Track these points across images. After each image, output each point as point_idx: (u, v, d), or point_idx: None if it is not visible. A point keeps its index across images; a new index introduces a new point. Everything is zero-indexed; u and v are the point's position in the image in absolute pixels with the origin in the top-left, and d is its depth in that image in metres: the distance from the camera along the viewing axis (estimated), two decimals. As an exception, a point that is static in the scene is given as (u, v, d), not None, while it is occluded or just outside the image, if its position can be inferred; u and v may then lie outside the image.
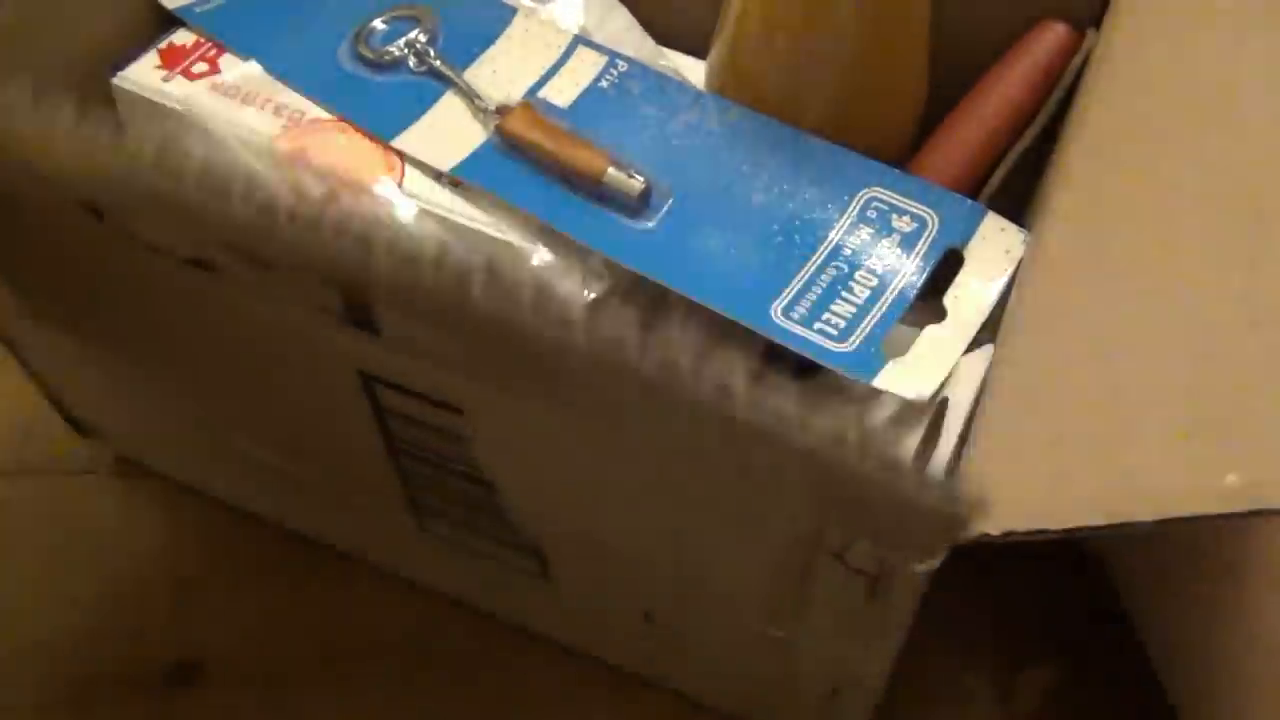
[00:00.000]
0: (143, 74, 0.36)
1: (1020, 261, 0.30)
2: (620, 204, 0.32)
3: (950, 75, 0.35)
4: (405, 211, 0.33)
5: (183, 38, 0.37)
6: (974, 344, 0.29)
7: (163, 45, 0.37)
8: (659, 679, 0.34)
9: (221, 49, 0.37)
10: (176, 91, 0.35)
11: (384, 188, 0.33)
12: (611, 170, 0.32)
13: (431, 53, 0.36)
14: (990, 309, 0.29)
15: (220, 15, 0.37)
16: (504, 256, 0.33)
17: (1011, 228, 0.30)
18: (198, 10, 0.37)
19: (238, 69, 0.36)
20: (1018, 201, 0.34)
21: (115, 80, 0.36)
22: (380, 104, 0.35)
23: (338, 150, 0.34)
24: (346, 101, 0.35)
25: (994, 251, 0.30)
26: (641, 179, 0.32)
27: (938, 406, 0.27)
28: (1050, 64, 0.34)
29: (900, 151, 0.35)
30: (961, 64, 0.35)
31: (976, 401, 0.26)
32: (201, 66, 0.36)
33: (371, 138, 0.35)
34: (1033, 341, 0.24)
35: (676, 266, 0.31)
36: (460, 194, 0.33)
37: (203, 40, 0.37)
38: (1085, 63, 0.33)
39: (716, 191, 0.32)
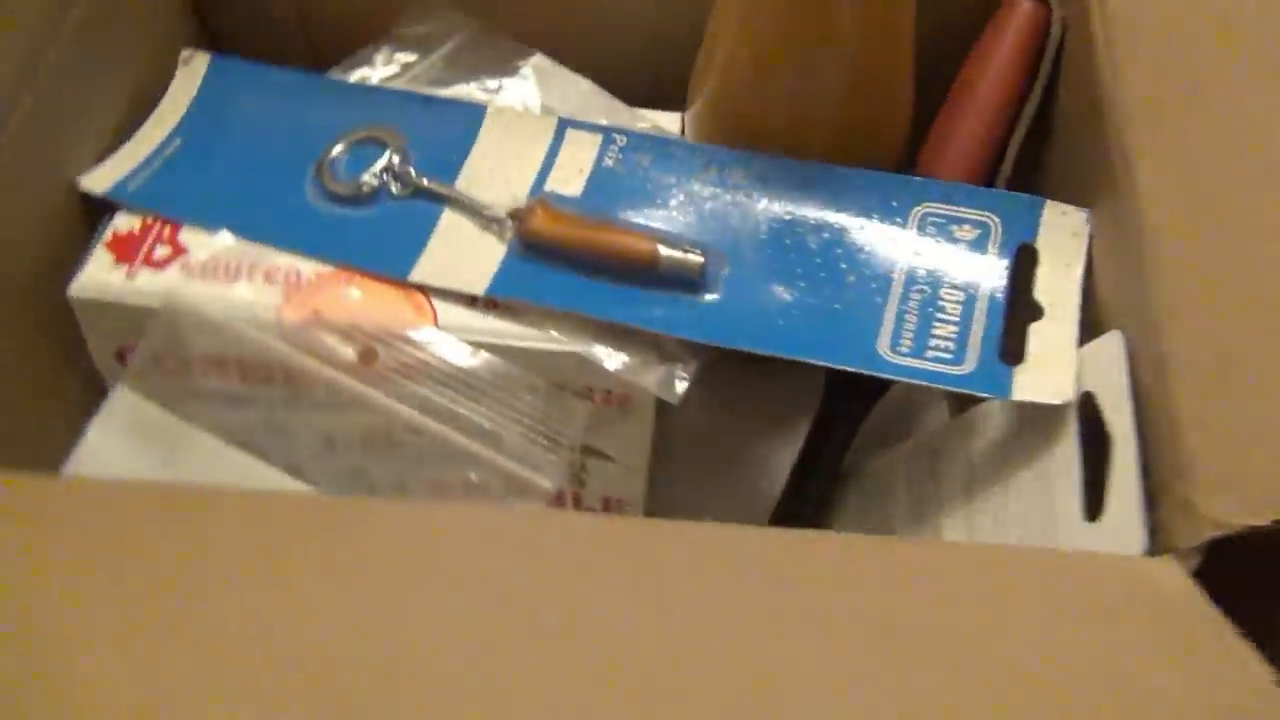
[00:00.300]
0: (100, 276, 0.32)
1: (1091, 240, 0.30)
2: (678, 282, 0.31)
3: (918, 65, 0.35)
4: (457, 353, 0.31)
5: (126, 222, 0.33)
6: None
7: (108, 237, 0.33)
8: None
9: (176, 224, 0.33)
10: (149, 287, 0.31)
11: (423, 333, 0.31)
12: (665, 250, 0.31)
13: (412, 173, 0.33)
14: (1080, 294, 0.30)
15: (156, 188, 0.34)
16: (578, 368, 0.31)
17: (1072, 210, 0.31)
18: (130, 188, 0.34)
19: (207, 243, 0.32)
20: (1023, 181, 0.35)
21: (73, 291, 0.31)
22: (376, 241, 0.33)
23: (354, 304, 0.31)
24: (339, 247, 0.32)
25: (1064, 237, 0.30)
26: (699, 253, 0.31)
27: (1082, 404, 0.27)
28: (1027, 42, 0.34)
29: (898, 158, 0.35)
30: (927, 53, 0.35)
31: (1134, 390, 0.26)
32: (164, 250, 0.32)
33: (384, 280, 0.32)
34: (1201, 322, 0.25)
35: (761, 331, 0.30)
36: (498, 314, 0.31)
37: (150, 220, 0.33)
38: (1064, 34, 0.34)
39: (769, 245, 0.31)
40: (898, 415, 0.40)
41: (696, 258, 0.30)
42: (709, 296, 0.31)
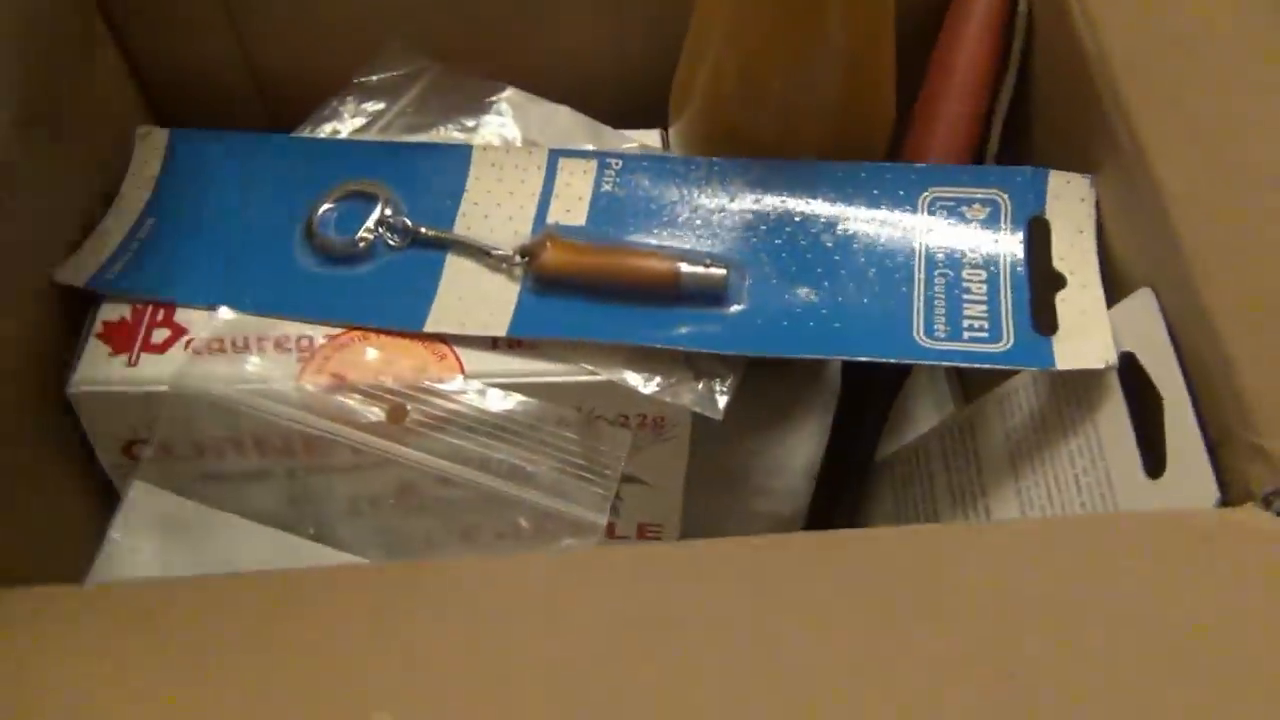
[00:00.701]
0: (99, 370, 0.30)
1: (1098, 203, 0.31)
2: (701, 298, 0.31)
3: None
4: (489, 398, 0.30)
5: (115, 311, 0.31)
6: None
7: (98, 329, 0.31)
8: None
9: (169, 306, 0.31)
10: (154, 373, 0.30)
11: (451, 383, 0.30)
12: (687, 268, 0.30)
13: (409, 222, 0.32)
14: (1097, 257, 0.30)
15: (139, 272, 0.32)
16: (612, 396, 0.30)
17: (1075, 177, 0.31)
18: (110, 276, 0.32)
19: (207, 321, 0.31)
20: (1010, 157, 0.35)
21: (72, 388, 0.30)
22: (383, 296, 0.32)
23: (376, 363, 0.30)
24: (346, 307, 0.31)
25: (1071, 204, 0.31)
26: (720, 266, 0.30)
27: (1123, 364, 0.28)
28: (996, 16, 0.35)
29: (885, 148, 0.35)
30: (898, 34, 0.35)
31: (1176, 347, 0.26)
32: (162, 334, 0.31)
33: (400, 334, 0.31)
34: (1235, 268, 0.25)
35: (793, 335, 0.30)
36: (523, 353, 0.31)
37: (140, 305, 0.31)
38: (1031, 4, 0.35)
39: (785, 248, 0.31)
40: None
41: (719, 271, 0.30)
42: (735, 308, 0.31)
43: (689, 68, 0.34)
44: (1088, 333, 0.29)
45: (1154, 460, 0.26)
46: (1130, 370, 0.28)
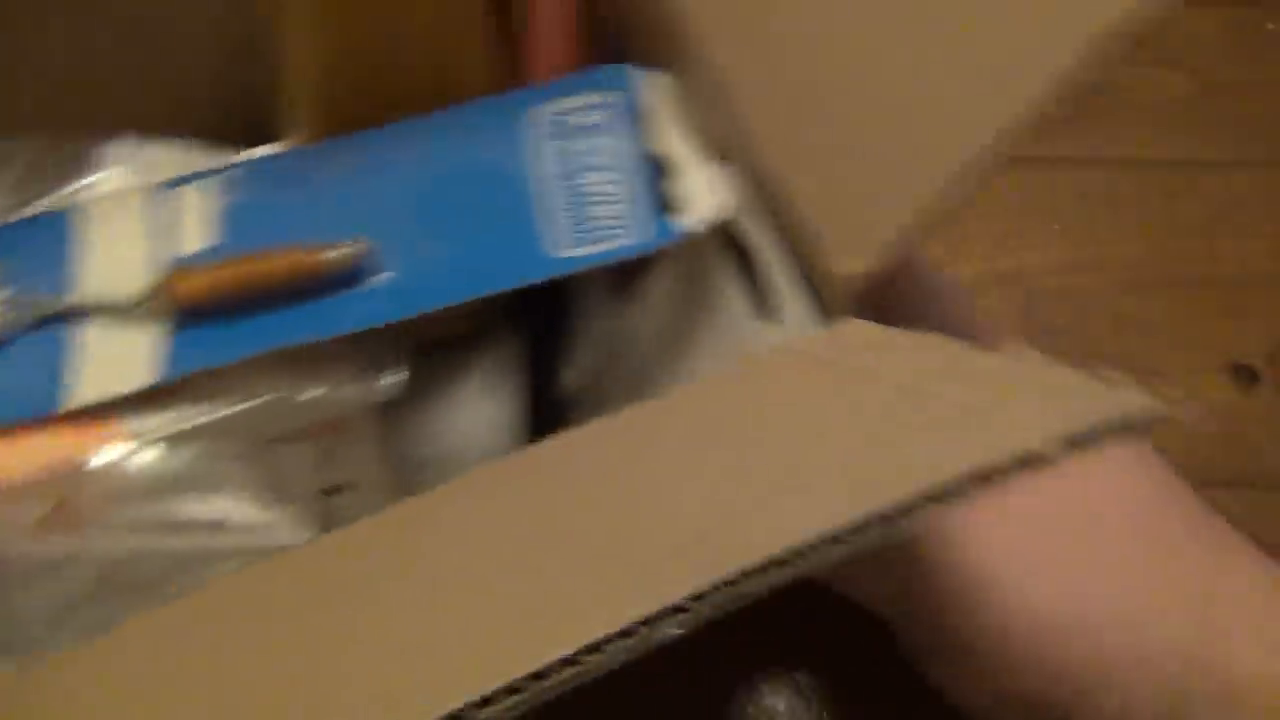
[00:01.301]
0: None
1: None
2: (346, 279, 0.30)
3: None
4: (161, 457, 0.28)
5: None
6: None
7: None
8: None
9: None
10: None
11: (113, 454, 0.28)
12: (319, 255, 0.29)
13: (25, 300, 0.30)
14: (694, 139, 0.31)
15: None
16: (285, 412, 0.29)
17: (656, 73, 0.32)
18: None
19: None
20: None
21: None
22: (14, 385, 0.30)
23: (24, 460, 0.28)
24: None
25: (661, 96, 0.31)
26: (353, 243, 0.30)
27: (725, 230, 0.29)
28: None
29: (488, 82, 0.35)
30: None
31: (762, 205, 0.27)
32: None
33: (45, 421, 0.29)
34: (791, 134, 0.27)
35: (436, 287, 0.30)
36: (186, 398, 0.29)
37: None
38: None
39: (416, 208, 0.31)
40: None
41: (352, 248, 0.30)
42: (380, 279, 0.30)
43: (285, 69, 0.33)
44: (702, 194, 0.29)
45: (764, 307, 0.28)
46: (731, 233, 0.29)
